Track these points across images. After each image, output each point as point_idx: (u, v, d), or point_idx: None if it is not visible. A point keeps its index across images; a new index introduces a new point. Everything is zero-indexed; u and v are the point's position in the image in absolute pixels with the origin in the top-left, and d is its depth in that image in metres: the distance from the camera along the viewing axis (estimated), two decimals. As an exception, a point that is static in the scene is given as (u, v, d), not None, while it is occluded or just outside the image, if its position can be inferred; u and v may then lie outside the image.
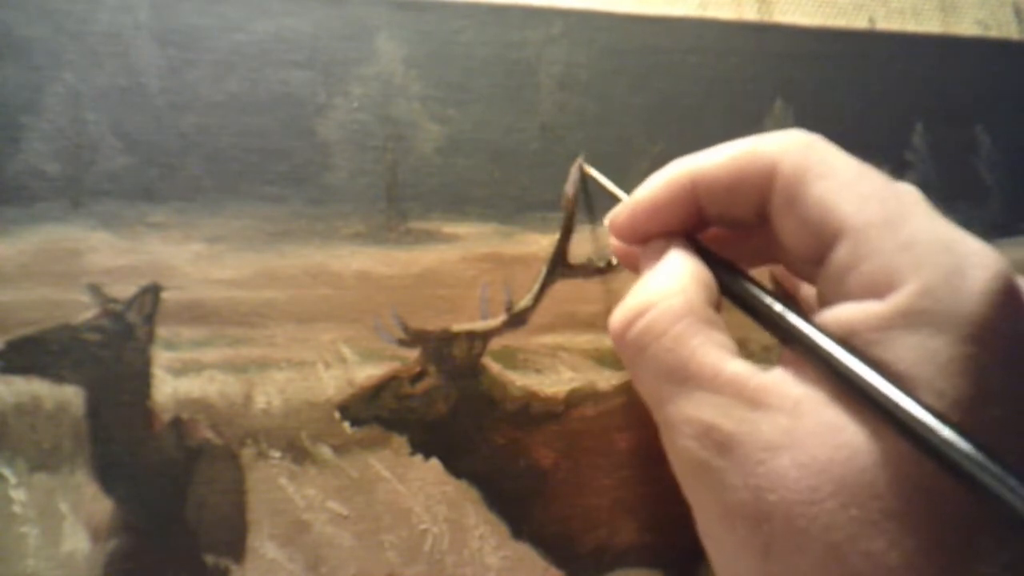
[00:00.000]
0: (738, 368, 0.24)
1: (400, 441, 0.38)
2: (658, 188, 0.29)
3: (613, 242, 0.33)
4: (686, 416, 0.24)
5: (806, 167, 0.24)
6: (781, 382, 0.23)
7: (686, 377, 0.24)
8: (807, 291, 0.35)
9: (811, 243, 0.25)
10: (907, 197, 0.24)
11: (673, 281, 0.26)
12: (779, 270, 0.37)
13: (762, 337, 0.43)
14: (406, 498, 0.37)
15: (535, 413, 0.40)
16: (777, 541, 0.21)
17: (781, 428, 0.22)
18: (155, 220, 0.38)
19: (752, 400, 0.23)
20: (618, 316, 0.28)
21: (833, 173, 0.24)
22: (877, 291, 0.22)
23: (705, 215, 0.29)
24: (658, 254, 0.29)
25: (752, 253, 0.31)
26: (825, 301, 0.25)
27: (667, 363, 0.25)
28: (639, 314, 0.26)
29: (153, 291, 0.37)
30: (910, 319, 0.21)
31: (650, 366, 0.25)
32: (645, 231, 0.30)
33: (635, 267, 0.31)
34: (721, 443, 0.23)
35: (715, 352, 0.24)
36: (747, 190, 0.26)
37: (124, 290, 0.37)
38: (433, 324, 0.39)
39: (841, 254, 0.23)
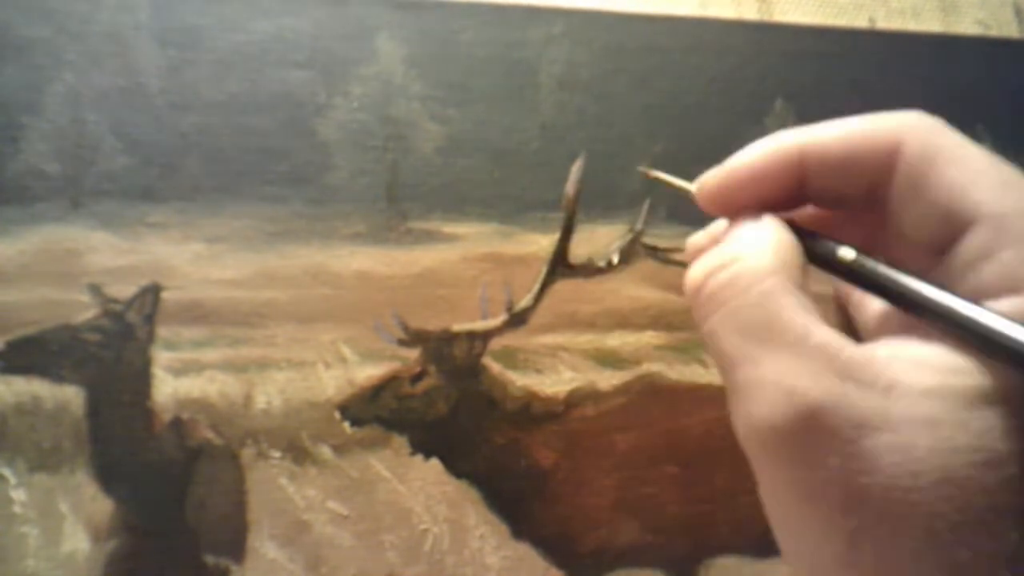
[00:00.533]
0: (829, 336, 0.22)
1: (400, 441, 0.38)
2: (760, 155, 0.27)
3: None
4: (768, 379, 0.22)
5: (936, 149, 0.23)
6: (874, 360, 0.21)
7: (770, 336, 0.22)
8: (866, 313, 0.33)
9: (937, 230, 0.23)
10: None
11: (764, 239, 0.25)
12: (840, 290, 0.35)
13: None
14: (406, 498, 0.37)
15: (535, 413, 0.40)
16: (869, 527, 0.20)
17: (874, 407, 0.20)
18: (155, 220, 0.38)
19: (843, 371, 0.21)
20: (698, 268, 0.25)
21: (965, 158, 0.23)
22: (1017, 282, 0.21)
23: (807, 190, 0.27)
24: (747, 221, 0.26)
25: (850, 238, 0.29)
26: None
27: (751, 319, 0.23)
28: (723, 266, 0.24)
29: (153, 291, 0.37)
30: None
31: (730, 322, 0.23)
32: (737, 201, 0.27)
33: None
34: (806, 413, 0.21)
35: (805, 315, 0.22)
36: (863, 166, 0.25)
37: (124, 290, 0.37)
38: (433, 324, 0.39)
39: (975, 242, 0.22)
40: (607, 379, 0.41)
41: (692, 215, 0.44)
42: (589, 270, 0.41)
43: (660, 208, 0.43)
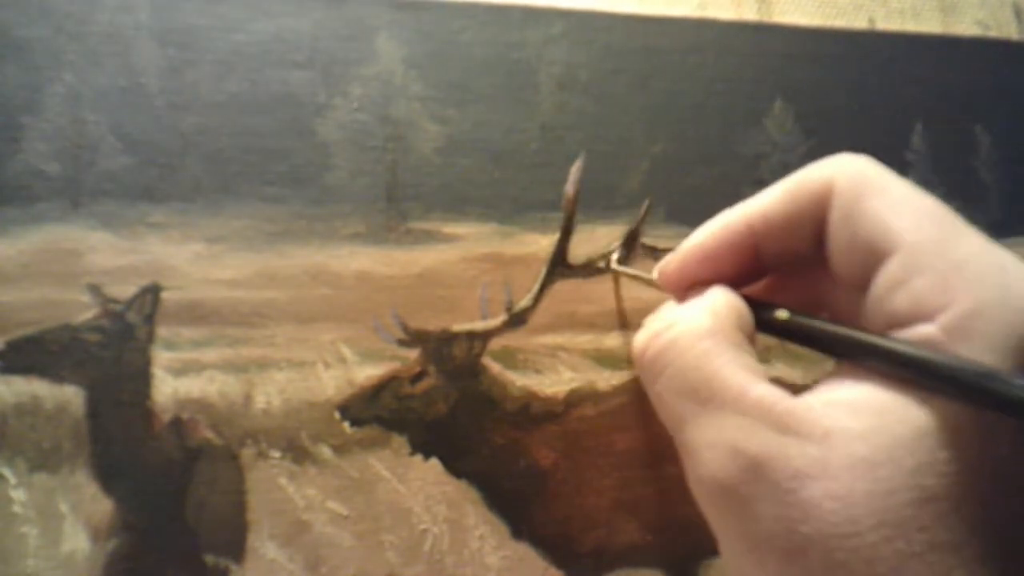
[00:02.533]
0: (765, 391, 0.23)
1: (400, 441, 0.38)
2: (710, 235, 0.28)
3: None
4: (709, 438, 0.23)
5: (863, 183, 0.24)
6: (809, 410, 0.22)
7: (709, 396, 0.23)
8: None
9: (862, 260, 0.24)
10: (959, 218, 0.23)
11: (703, 304, 0.26)
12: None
13: (762, 337, 0.43)
14: (406, 498, 0.37)
15: (535, 413, 0.40)
16: (812, 574, 0.20)
17: (811, 457, 0.21)
18: (155, 220, 0.38)
19: (780, 424, 0.22)
20: (641, 335, 0.27)
21: (888, 189, 0.24)
22: (926, 308, 0.22)
23: (762, 259, 0.28)
24: (698, 293, 0.28)
25: (799, 303, 0.30)
26: (869, 325, 0.24)
27: (690, 381, 0.24)
28: (662, 331, 0.25)
29: (153, 291, 0.37)
30: (962, 337, 0.21)
31: (671, 385, 0.24)
32: (695, 281, 0.29)
33: None
34: (747, 467, 0.22)
35: (741, 373, 0.23)
36: (805, 217, 0.26)
37: (124, 290, 0.37)
38: (433, 324, 0.39)
39: (893, 268, 0.23)
40: (607, 379, 0.41)
41: (692, 215, 0.44)
42: (589, 270, 0.41)
43: (660, 208, 0.43)
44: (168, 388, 0.36)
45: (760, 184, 0.47)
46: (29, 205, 0.36)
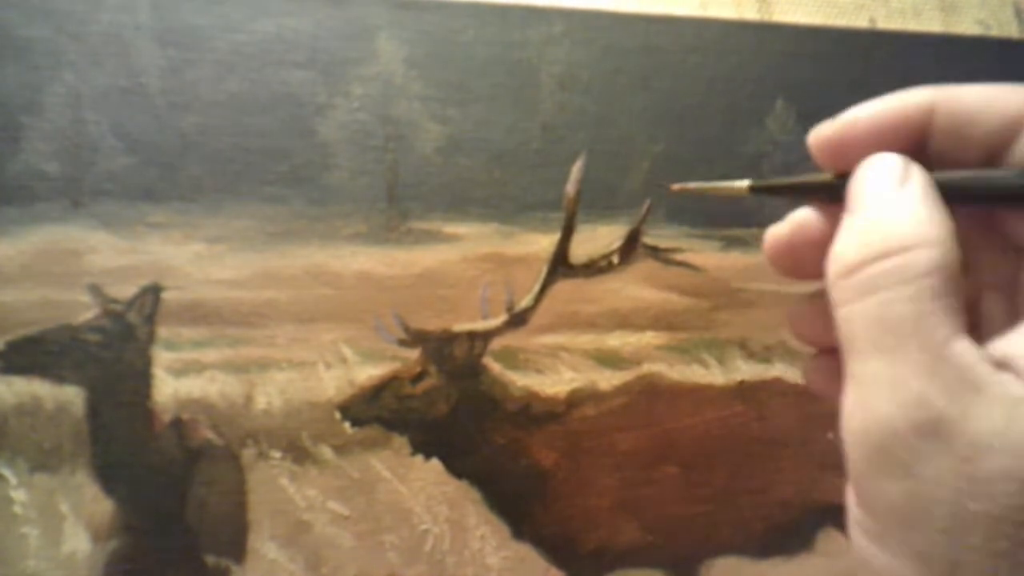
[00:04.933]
0: (966, 347, 0.21)
1: (401, 441, 0.38)
2: (888, 106, 0.25)
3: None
4: (899, 379, 0.21)
5: None
6: (1006, 378, 0.20)
7: (912, 335, 0.21)
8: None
9: None
10: None
11: (930, 226, 0.23)
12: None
13: (763, 337, 0.43)
14: (407, 498, 0.37)
15: (536, 413, 0.40)
16: (970, 561, 0.19)
17: (995, 426, 0.19)
18: (155, 220, 0.37)
19: (975, 385, 0.20)
20: (854, 247, 0.24)
21: None
22: None
23: (928, 149, 0.25)
24: (893, 178, 0.24)
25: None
26: None
27: (899, 313, 0.22)
28: (888, 252, 0.23)
29: (153, 291, 0.37)
30: None
31: (877, 310, 0.22)
32: (855, 152, 0.26)
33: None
34: (929, 421, 0.20)
35: (951, 321, 0.21)
36: (991, 126, 0.24)
37: (124, 290, 0.37)
38: (434, 324, 0.39)
39: None
40: (608, 379, 0.41)
41: (693, 215, 0.44)
42: (590, 270, 0.41)
43: (660, 208, 0.43)
44: (169, 388, 0.36)
45: (761, 184, 0.48)
46: (29, 205, 0.36)
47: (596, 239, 0.42)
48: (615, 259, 0.41)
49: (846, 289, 0.23)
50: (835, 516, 0.42)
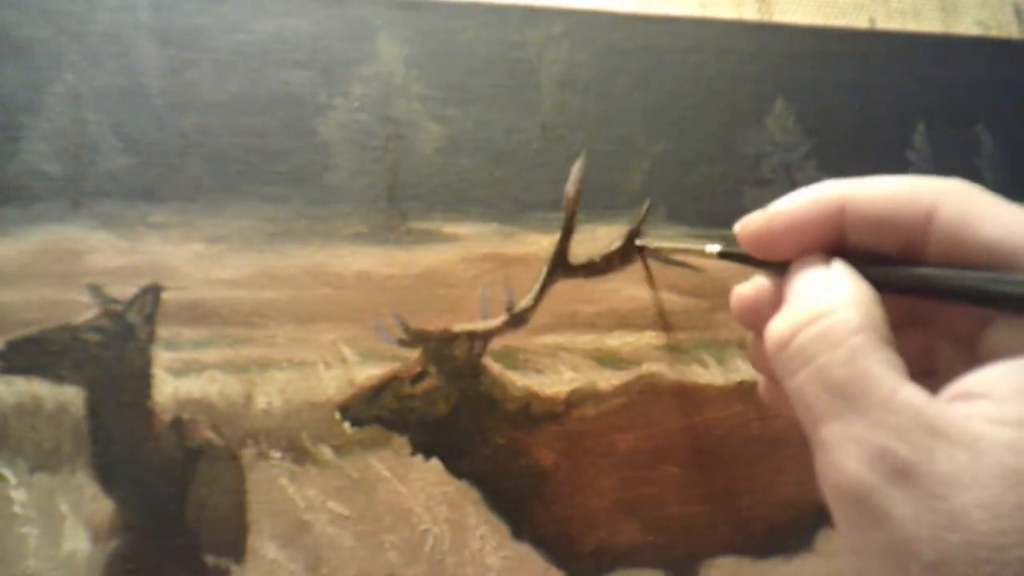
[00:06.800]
0: (914, 392, 0.22)
1: (401, 441, 0.38)
2: (802, 203, 0.28)
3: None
4: (855, 435, 0.22)
5: (971, 211, 0.24)
6: (959, 415, 0.21)
7: (860, 393, 0.23)
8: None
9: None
10: None
11: (848, 294, 0.25)
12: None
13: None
14: (407, 498, 0.37)
15: (536, 413, 0.40)
16: None
17: (960, 464, 0.20)
18: (155, 220, 0.37)
19: (931, 427, 0.21)
20: (784, 322, 0.26)
21: (999, 215, 0.24)
22: None
23: (844, 244, 0.28)
24: (817, 268, 0.27)
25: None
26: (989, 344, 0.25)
27: (838, 376, 0.23)
28: (811, 321, 0.25)
29: (153, 291, 0.37)
30: None
31: (817, 378, 0.24)
32: (779, 245, 0.28)
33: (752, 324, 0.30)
34: (896, 469, 0.21)
35: (892, 372, 0.23)
36: (900, 225, 0.26)
37: (124, 290, 0.37)
38: (434, 324, 0.39)
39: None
40: (607, 379, 0.41)
41: (693, 215, 0.44)
42: (590, 270, 0.41)
43: (661, 208, 0.43)
44: (168, 388, 0.36)
45: (762, 183, 0.48)
46: (29, 205, 0.36)
47: (596, 239, 0.42)
48: (615, 259, 0.41)
49: (786, 362, 0.25)
50: (835, 516, 0.42)
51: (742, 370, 0.43)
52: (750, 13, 0.48)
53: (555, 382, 0.40)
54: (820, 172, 0.46)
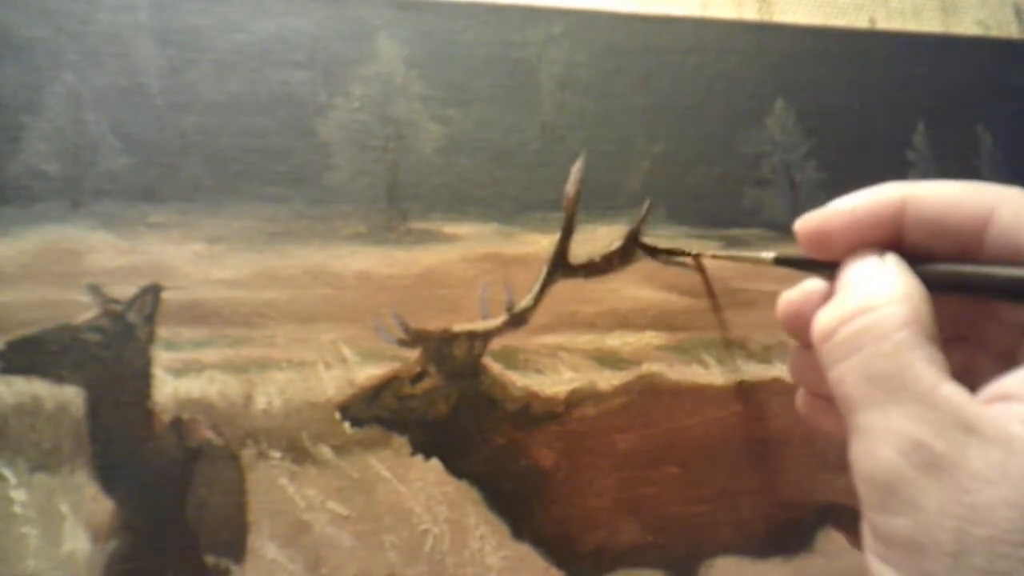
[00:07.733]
0: (953, 390, 0.23)
1: (401, 441, 0.38)
2: (863, 201, 0.28)
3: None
4: (894, 426, 0.23)
5: None
6: (996, 415, 0.22)
7: (900, 386, 0.23)
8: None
9: None
10: None
11: (897, 288, 0.25)
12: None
13: (763, 337, 0.43)
14: (407, 498, 0.37)
15: (536, 413, 0.40)
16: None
17: (992, 462, 0.21)
18: (155, 220, 0.38)
19: (967, 424, 0.22)
20: (832, 313, 0.26)
21: None
22: None
23: (900, 244, 0.28)
24: (870, 261, 0.27)
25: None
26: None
27: (882, 369, 0.24)
28: (858, 313, 0.25)
29: (153, 291, 0.37)
30: None
31: (860, 368, 0.25)
32: (836, 242, 0.29)
33: (799, 333, 0.30)
34: (929, 462, 0.22)
35: (933, 368, 0.23)
36: (958, 227, 0.26)
37: (124, 290, 0.37)
38: (433, 324, 0.39)
39: None
40: (607, 379, 0.41)
41: (693, 215, 0.44)
42: (590, 270, 0.41)
43: (661, 208, 0.43)
44: (168, 388, 0.36)
45: (762, 183, 0.48)
46: (29, 205, 0.36)
47: (596, 239, 0.42)
48: (615, 259, 0.41)
49: (830, 352, 0.26)
50: (835, 516, 0.42)
51: (742, 370, 0.43)
52: (750, 13, 0.48)
53: (555, 382, 0.40)
54: (820, 172, 0.46)
